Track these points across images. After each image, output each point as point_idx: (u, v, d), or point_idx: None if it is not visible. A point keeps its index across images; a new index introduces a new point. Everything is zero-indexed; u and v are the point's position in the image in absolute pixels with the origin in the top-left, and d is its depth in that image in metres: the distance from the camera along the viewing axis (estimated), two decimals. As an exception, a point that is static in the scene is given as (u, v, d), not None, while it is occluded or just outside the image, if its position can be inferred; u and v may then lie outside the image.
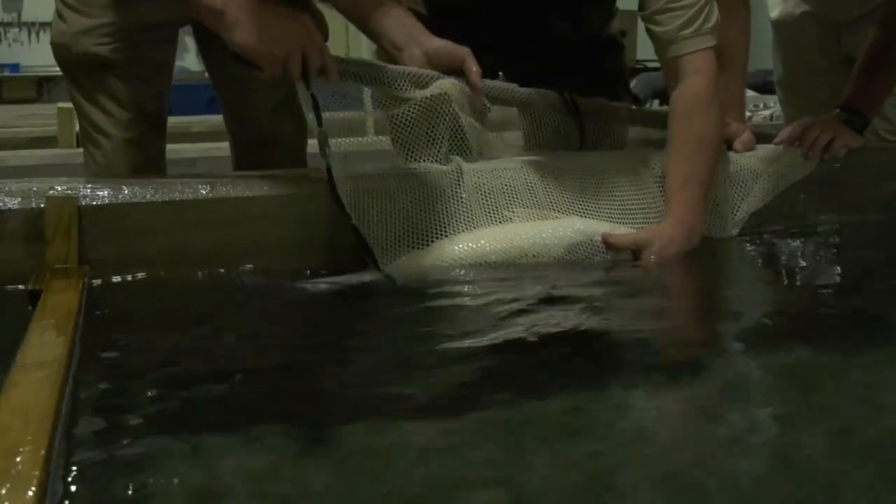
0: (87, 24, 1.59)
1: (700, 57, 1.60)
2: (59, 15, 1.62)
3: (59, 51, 1.63)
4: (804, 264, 1.66)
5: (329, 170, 1.40)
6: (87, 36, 1.60)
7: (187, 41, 2.11)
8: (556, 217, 1.53)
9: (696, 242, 1.57)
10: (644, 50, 2.10)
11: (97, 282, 1.32)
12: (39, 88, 9.19)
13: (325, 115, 1.41)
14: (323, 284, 1.36)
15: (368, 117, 1.58)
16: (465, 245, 1.44)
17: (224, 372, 1.04)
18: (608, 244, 1.50)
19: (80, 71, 1.63)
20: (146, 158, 1.67)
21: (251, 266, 1.42)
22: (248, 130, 1.83)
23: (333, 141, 1.41)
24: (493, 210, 1.49)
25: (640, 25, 1.79)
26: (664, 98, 5.13)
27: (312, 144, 1.84)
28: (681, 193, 1.58)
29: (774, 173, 1.75)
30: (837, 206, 1.81)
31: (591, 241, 1.50)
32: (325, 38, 1.91)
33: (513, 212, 1.51)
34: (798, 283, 1.55)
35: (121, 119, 1.64)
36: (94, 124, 1.65)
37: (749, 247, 1.69)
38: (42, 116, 4.09)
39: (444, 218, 1.46)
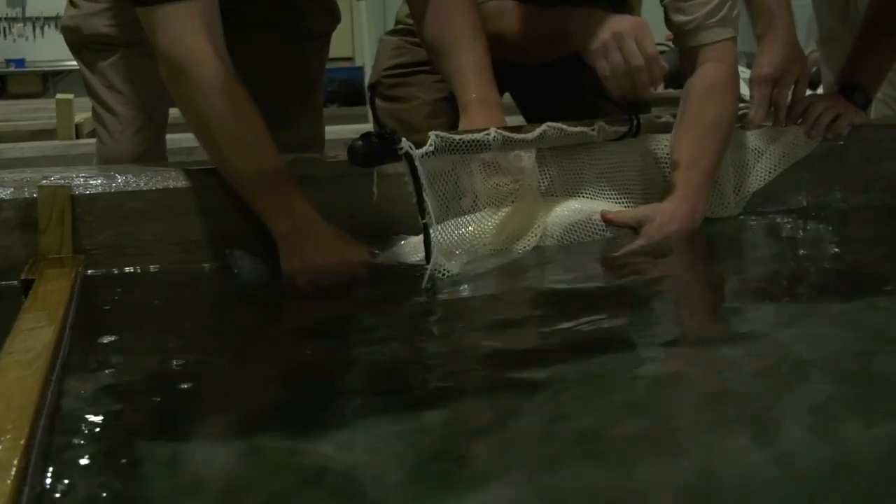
0: (98, 8, 1.65)
1: (722, 47, 1.58)
2: (72, 3, 1.70)
3: (70, 33, 1.70)
4: (807, 244, 1.64)
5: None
6: (97, 17, 1.65)
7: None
8: (554, 199, 1.51)
9: (697, 223, 1.56)
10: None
11: (91, 271, 1.31)
12: (45, 83, 9.20)
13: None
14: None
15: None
16: (465, 229, 1.41)
17: (216, 364, 1.03)
18: (608, 220, 1.49)
19: (89, 51, 1.69)
20: (151, 137, 1.71)
21: (247, 254, 1.40)
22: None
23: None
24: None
25: (643, 11, 1.75)
26: (668, 82, 5.07)
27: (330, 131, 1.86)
28: (687, 173, 1.56)
29: (777, 152, 1.72)
30: (841, 185, 1.78)
31: (590, 220, 1.49)
32: (337, 22, 1.91)
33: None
34: (801, 263, 1.53)
35: (128, 96, 1.68)
36: (102, 102, 1.70)
37: (751, 227, 1.67)
38: (45, 110, 4.09)
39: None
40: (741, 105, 1.72)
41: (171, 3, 1.30)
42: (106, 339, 1.08)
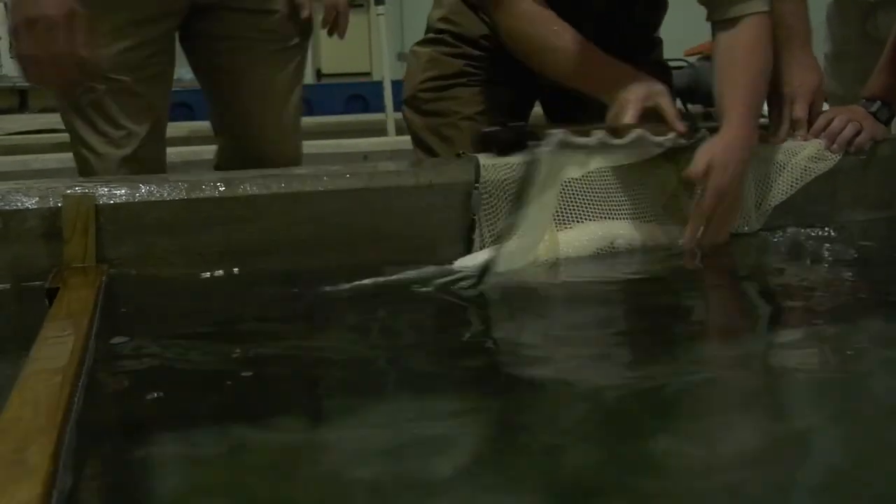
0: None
1: (760, 21, 1.57)
2: None
3: None
4: (830, 260, 1.63)
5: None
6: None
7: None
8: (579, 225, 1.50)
9: (748, 155, 1.56)
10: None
11: (115, 280, 1.32)
12: (64, 97, 9.27)
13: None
14: (345, 286, 1.34)
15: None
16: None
17: (240, 373, 1.03)
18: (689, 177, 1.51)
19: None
20: (144, 172, 1.66)
21: (269, 265, 1.40)
22: (237, 128, 1.83)
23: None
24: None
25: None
26: (684, 96, 5.06)
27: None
28: (740, 107, 1.55)
29: (798, 166, 1.71)
30: (862, 200, 1.78)
31: (612, 245, 1.49)
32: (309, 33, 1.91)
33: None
34: (825, 279, 1.52)
35: (114, 137, 1.65)
36: (87, 144, 1.67)
37: (773, 242, 1.66)
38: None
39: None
40: (760, 119, 1.71)
41: None
42: (129, 348, 1.09)
